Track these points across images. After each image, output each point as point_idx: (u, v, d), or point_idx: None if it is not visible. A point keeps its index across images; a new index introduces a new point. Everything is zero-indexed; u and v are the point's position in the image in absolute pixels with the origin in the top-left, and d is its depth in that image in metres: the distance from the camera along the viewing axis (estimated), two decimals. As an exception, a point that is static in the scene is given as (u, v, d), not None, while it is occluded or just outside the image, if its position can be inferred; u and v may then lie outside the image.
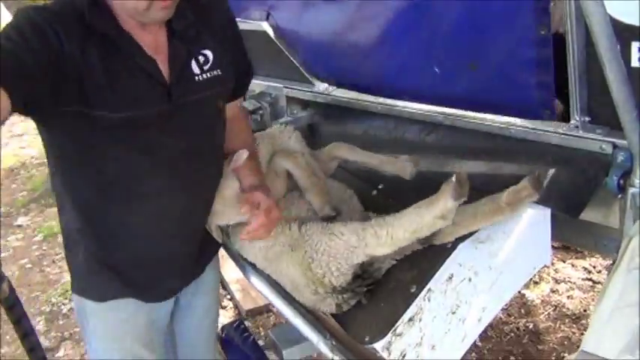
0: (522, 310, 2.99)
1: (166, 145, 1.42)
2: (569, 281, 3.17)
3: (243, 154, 1.56)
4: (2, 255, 4.08)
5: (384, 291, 1.51)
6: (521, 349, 2.73)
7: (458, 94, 1.64)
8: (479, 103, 1.60)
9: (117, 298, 1.54)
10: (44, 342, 3.05)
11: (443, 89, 1.67)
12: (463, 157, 1.67)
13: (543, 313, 2.96)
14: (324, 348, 1.52)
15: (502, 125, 1.59)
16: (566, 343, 2.70)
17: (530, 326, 2.86)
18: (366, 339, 1.47)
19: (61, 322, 3.23)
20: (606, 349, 0.97)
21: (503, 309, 3.00)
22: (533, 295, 3.10)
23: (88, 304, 1.56)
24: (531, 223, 1.42)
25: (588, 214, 1.43)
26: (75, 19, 1.25)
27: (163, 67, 1.37)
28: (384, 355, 1.42)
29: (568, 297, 3.07)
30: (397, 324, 1.43)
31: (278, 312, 1.64)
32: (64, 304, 3.40)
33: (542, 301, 3.06)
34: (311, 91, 2.25)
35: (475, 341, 2.69)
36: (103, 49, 1.28)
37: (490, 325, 2.88)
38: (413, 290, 1.44)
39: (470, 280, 1.38)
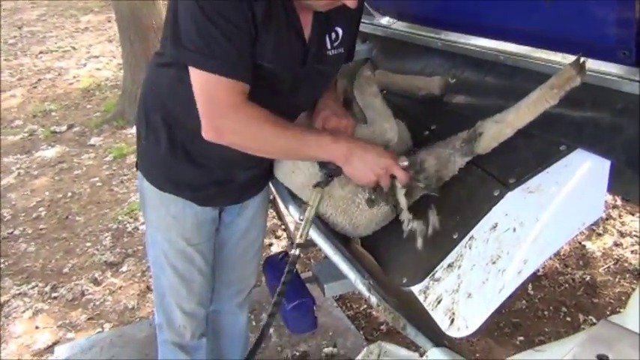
0: (581, 262, 2.89)
1: (281, 96, 1.52)
2: (635, 235, 3.02)
3: None
4: (75, 173, 4.31)
5: (426, 235, 1.48)
6: (574, 301, 2.65)
7: (528, 29, 1.52)
8: (550, 40, 1.47)
9: (171, 193, 1.66)
10: (109, 257, 3.24)
11: (513, 23, 1.55)
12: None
13: (603, 266, 2.85)
14: (361, 287, 1.52)
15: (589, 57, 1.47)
16: (623, 298, 2.60)
17: (587, 278, 2.77)
18: (404, 281, 1.47)
19: (125, 240, 3.41)
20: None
21: (560, 259, 2.91)
22: (594, 247, 2.98)
23: (147, 188, 1.69)
24: (587, 175, 1.33)
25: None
26: None
27: (306, 35, 1.49)
28: (420, 298, 1.42)
29: (632, 252, 2.93)
30: (436, 269, 1.41)
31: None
32: (129, 222, 3.57)
33: (604, 253, 2.94)
34: (371, 24, 2.16)
35: (527, 288, 2.67)
36: (272, 6, 1.38)
37: (545, 274, 2.82)
38: (455, 237, 1.41)
39: (514, 230, 1.32)
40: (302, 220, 1.50)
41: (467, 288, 1.33)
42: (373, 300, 1.51)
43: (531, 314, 2.58)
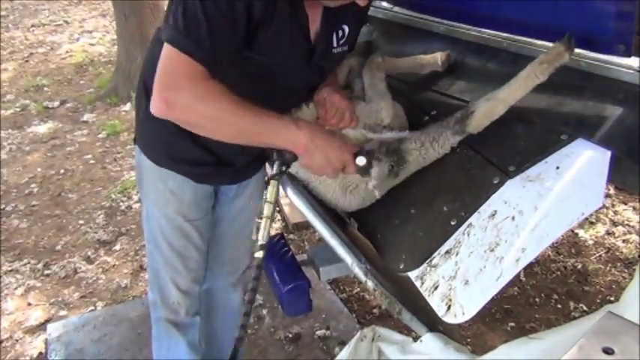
0: (573, 250, 2.91)
1: (283, 85, 1.51)
2: (627, 224, 3.05)
3: None
4: (68, 149, 4.27)
5: (424, 221, 1.48)
6: (566, 288, 2.68)
7: (523, 20, 1.51)
8: (547, 31, 1.47)
9: (169, 169, 1.65)
10: (102, 235, 3.23)
11: (508, 13, 1.54)
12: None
13: (595, 254, 2.88)
14: (357, 271, 1.52)
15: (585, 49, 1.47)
16: (614, 286, 2.63)
17: (579, 266, 2.79)
18: (401, 266, 1.46)
19: (119, 218, 3.39)
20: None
21: (552, 246, 2.92)
22: (586, 235, 3.00)
23: (145, 163, 1.67)
24: (588, 165, 1.32)
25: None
26: None
27: (313, 31, 1.48)
28: (417, 284, 1.41)
29: (624, 241, 2.96)
30: (433, 255, 1.41)
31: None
32: (122, 200, 3.56)
33: (596, 242, 2.96)
34: (371, 6, 2.13)
35: (519, 275, 2.69)
36: (277, 3, 1.36)
37: (537, 262, 2.84)
38: (453, 223, 1.40)
39: (513, 218, 1.32)
40: (261, 218, 1.43)
41: (464, 275, 1.33)
42: (370, 284, 1.52)
43: (523, 301, 2.60)
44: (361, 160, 1.44)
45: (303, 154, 1.39)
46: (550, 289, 2.67)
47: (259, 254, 1.43)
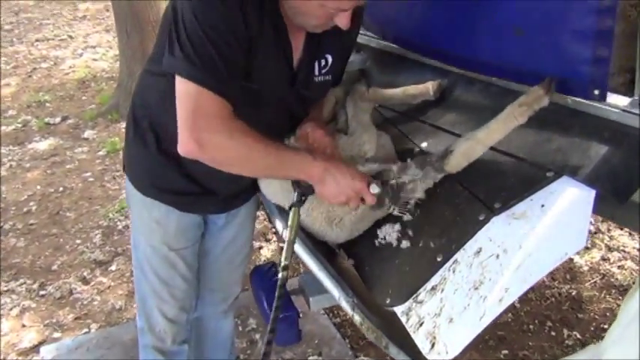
0: (568, 276, 2.91)
1: (266, 114, 1.52)
2: (622, 250, 3.04)
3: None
4: (68, 167, 4.29)
5: (411, 255, 1.49)
6: (560, 315, 2.67)
7: (499, 61, 1.52)
8: (521, 73, 1.48)
9: (154, 199, 1.66)
10: (99, 255, 3.24)
11: (484, 55, 1.56)
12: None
13: (590, 280, 2.87)
14: (345, 304, 1.53)
15: (558, 93, 1.48)
16: (608, 314, 2.62)
17: (574, 293, 2.78)
18: (387, 301, 1.47)
19: (115, 238, 3.40)
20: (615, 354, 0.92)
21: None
22: (581, 261, 2.99)
23: (133, 192, 1.69)
24: (573, 204, 1.33)
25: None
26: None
27: (295, 58, 1.51)
28: (403, 319, 1.42)
29: (619, 267, 2.95)
30: (419, 291, 1.41)
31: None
32: (120, 220, 3.57)
33: (591, 268, 2.95)
34: (365, 34, 2.16)
35: (514, 302, 2.68)
36: (264, 27, 1.38)
37: (531, 288, 2.82)
38: (439, 259, 1.41)
39: (498, 257, 1.33)
40: (283, 242, 1.48)
41: (449, 312, 1.33)
42: (357, 318, 1.52)
43: (516, 328, 2.59)
44: (374, 188, 1.45)
45: (317, 183, 1.42)
46: (544, 316, 2.67)
47: (281, 275, 1.48)
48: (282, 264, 1.44)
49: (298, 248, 1.62)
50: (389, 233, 1.58)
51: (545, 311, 2.69)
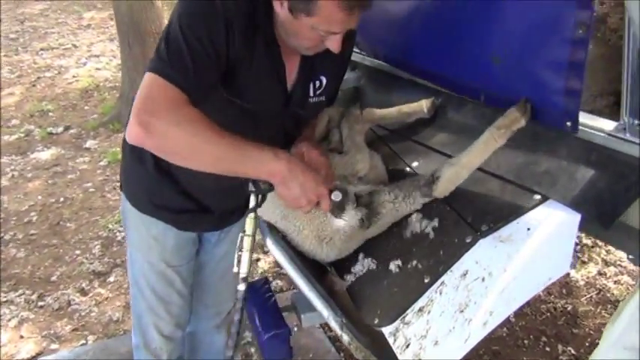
0: (564, 290, 2.91)
1: (260, 130, 1.50)
2: (619, 265, 3.04)
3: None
4: (69, 177, 4.32)
5: (400, 276, 1.50)
6: (555, 330, 2.67)
7: (478, 86, 1.55)
8: (499, 99, 1.50)
9: (152, 216, 1.68)
10: (98, 266, 3.27)
11: (465, 78, 1.59)
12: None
13: (585, 295, 2.87)
14: (333, 324, 1.54)
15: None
16: (603, 329, 2.61)
17: (569, 308, 2.79)
18: (376, 321, 1.48)
19: (115, 249, 3.43)
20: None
21: (543, 286, 2.92)
22: (577, 275, 2.99)
23: (129, 209, 1.71)
24: (558, 227, 1.35)
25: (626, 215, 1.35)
26: (247, 16, 1.35)
27: (290, 80, 1.52)
28: (390, 340, 1.43)
29: (615, 282, 2.95)
30: (407, 312, 1.43)
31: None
32: (119, 231, 3.59)
33: (587, 283, 2.96)
34: (360, 52, 2.18)
35: (509, 316, 2.69)
36: (256, 47, 1.40)
37: (527, 302, 2.83)
38: (427, 280, 1.42)
39: (483, 280, 1.34)
40: (241, 251, 1.42)
41: (434, 335, 1.34)
42: (345, 338, 1.54)
43: (511, 342, 2.60)
44: (337, 196, 1.45)
45: (280, 183, 1.34)
46: (539, 331, 2.67)
47: (241, 287, 1.43)
48: (242, 275, 1.41)
49: (288, 268, 1.64)
50: (378, 252, 1.60)
51: (540, 326, 2.70)
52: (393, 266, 1.53)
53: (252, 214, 1.44)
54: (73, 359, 2.57)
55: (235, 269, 1.41)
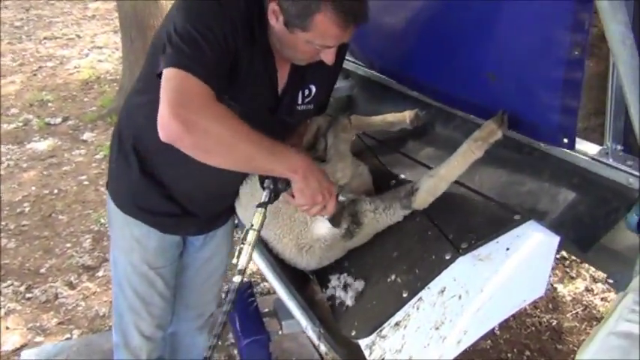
0: (550, 305, 2.91)
1: None
2: (606, 282, 3.03)
3: None
4: (64, 169, 4.33)
5: (378, 289, 1.51)
6: (539, 345, 2.68)
7: (473, 101, 1.55)
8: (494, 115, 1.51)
9: (136, 218, 1.68)
10: (87, 260, 3.27)
11: (459, 93, 1.59)
12: (486, 162, 1.59)
13: (572, 311, 2.88)
14: (311, 334, 1.55)
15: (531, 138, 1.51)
16: (586, 347, 2.62)
17: (554, 323, 2.79)
18: (353, 333, 1.49)
19: (105, 243, 3.42)
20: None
21: (530, 300, 2.92)
22: (564, 290, 3.00)
23: (114, 210, 1.72)
24: (536, 250, 1.35)
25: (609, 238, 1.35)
26: (247, 21, 1.37)
27: (280, 86, 1.53)
28: (366, 352, 1.44)
29: (602, 299, 2.96)
30: (384, 325, 1.43)
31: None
32: (111, 225, 3.59)
33: (574, 298, 2.96)
34: (353, 61, 2.19)
35: (494, 329, 2.69)
36: (252, 51, 1.40)
37: (512, 315, 2.83)
38: (405, 295, 1.43)
39: (460, 297, 1.34)
40: (244, 243, 1.39)
41: (409, 350, 1.35)
42: (322, 348, 1.55)
43: (495, 355, 2.60)
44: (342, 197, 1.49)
45: (301, 179, 1.36)
46: (523, 345, 2.67)
47: (237, 279, 1.39)
48: (239, 267, 1.37)
49: (268, 274, 1.64)
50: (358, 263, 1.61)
51: (524, 340, 2.70)
52: (373, 279, 1.54)
53: (261, 209, 1.41)
54: (56, 354, 2.57)
55: (235, 260, 1.39)
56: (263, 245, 1.67)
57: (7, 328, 2.78)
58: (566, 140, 1.31)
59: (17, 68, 6.46)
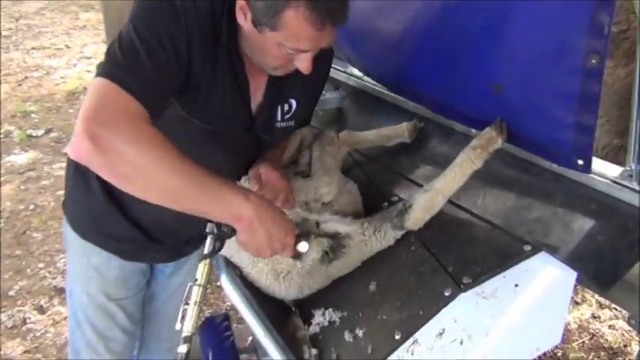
0: (554, 334, 2.72)
1: (219, 154, 1.39)
2: (614, 308, 2.85)
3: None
4: (43, 183, 4.13)
5: (369, 328, 1.32)
6: (543, 377, 2.49)
7: (477, 115, 1.38)
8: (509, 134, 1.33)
9: (95, 244, 1.50)
10: (60, 282, 3.06)
11: (462, 106, 1.41)
12: (491, 183, 1.41)
13: (577, 340, 2.68)
14: (290, 379, 1.35)
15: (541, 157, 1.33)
16: (594, 381, 2.44)
17: (559, 353, 2.59)
18: (338, 380, 1.30)
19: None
20: None
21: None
22: (570, 317, 2.81)
23: (71, 234, 1.53)
24: (550, 285, 1.17)
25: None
26: (208, 24, 1.20)
27: (255, 102, 1.36)
28: (352, 403, 1.25)
29: (610, 326, 2.76)
30: (373, 372, 1.25)
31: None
32: (88, 244, 3.39)
33: (580, 326, 2.77)
34: (345, 72, 2.01)
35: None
36: (218, 60, 1.23)
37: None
38: (397, 337, 1.24)
39: (461, 343, 1.16)
40: (188, 303, 1.20)
41: (402, 403, 1.16)
42: (303, 395, 1.35)
43: (495, 389, 2.40)
44: (303, 247, 1.27)
45: (245, 229, 1.14)
46: (526, 378, 2.48)
47: (182, 348, 1.20)
48: (184, 334, 1.19)
49: (242, 309, 1.45)
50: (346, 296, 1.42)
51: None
52: (362, 316, 1.35)
53: (206, 261, 1.22)
54: (19, 386, 2.37)
55: (178, 326, 1.19)
56: (237, 274, 1.48)
57: (-33, 357, 2.57)
58: (581, 162, 1.14)
59: (2, 79, 6.26)
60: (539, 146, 1.24)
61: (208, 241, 1.24)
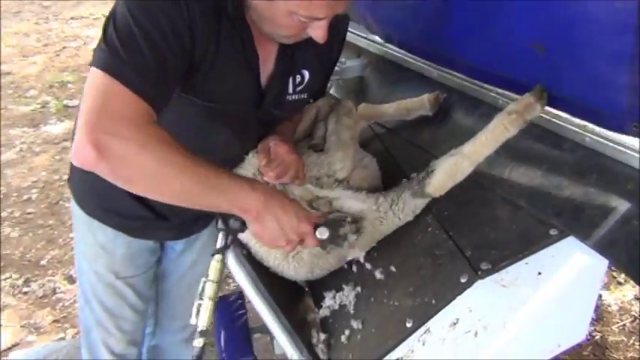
0: (593, 315, 2.58)
1: (226, 134, 1.32)
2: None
3: None
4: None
5: (380, 314, 1.24)
6: (579, 361, 2.37)
7: (517, 79, 1.24)
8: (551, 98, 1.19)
9: (100, 221, 1.47)
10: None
11: (500, 70, 1.28)
12: (517, 159, 1.29)
13: (618, 323, 2.54)
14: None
15: (576, 129, 1.19)
16: (635, 367, 2.31)
17: (598, 337, 2.46)
18: (346, 367, 1.23)
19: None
20: None
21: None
22: (611, 298, 2.66)
23: (77, 211, 1.50)
24: (577, 274, 1.06)
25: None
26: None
27: (264, 74, 1.28)
28: (360, 392, 1.18)
29: (653, 309, 2.61)
30: (382, 360, 1.17)
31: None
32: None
33: (621, 308, 2.62)
34: (366, 38, 1.89)
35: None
36: (221, 33, 1.16)
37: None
38: (409, 325, 1.15)
39: (476, 334, 1.07)
40: (202, 299, 1.20)
41: (410, 397, 1.08)
42: (311, 382, 1.29)
43: (527, 373, 2.30)
44: (323, 233, 1.19)
45: (254, 220, 1.12)
46: (560, 361, 2.36)
47: (198, 342, 1.19)
48: (200, 328, 1.17)
49: (249, 292, 1.38)
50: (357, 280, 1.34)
51: (562, 355, 2.38)
52: (373, 301, 1.27)
53: (218, 257, 1.21)
54: (45, 356, 2.39)
55: (193, 320, 1.18)
56: (245, 254, 1.42)
57: (0, 325, 2.62)
58: (635, 126, 1.00)
59: (41, 49, 6.35)
60: (589, 111, 1.10)
61: (220, 236, 1.24)
